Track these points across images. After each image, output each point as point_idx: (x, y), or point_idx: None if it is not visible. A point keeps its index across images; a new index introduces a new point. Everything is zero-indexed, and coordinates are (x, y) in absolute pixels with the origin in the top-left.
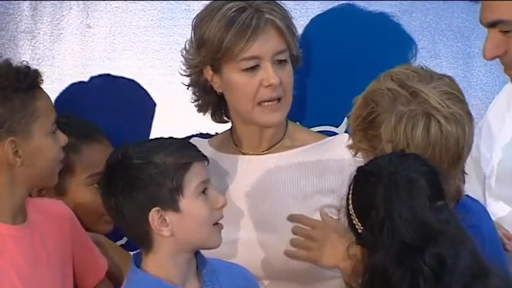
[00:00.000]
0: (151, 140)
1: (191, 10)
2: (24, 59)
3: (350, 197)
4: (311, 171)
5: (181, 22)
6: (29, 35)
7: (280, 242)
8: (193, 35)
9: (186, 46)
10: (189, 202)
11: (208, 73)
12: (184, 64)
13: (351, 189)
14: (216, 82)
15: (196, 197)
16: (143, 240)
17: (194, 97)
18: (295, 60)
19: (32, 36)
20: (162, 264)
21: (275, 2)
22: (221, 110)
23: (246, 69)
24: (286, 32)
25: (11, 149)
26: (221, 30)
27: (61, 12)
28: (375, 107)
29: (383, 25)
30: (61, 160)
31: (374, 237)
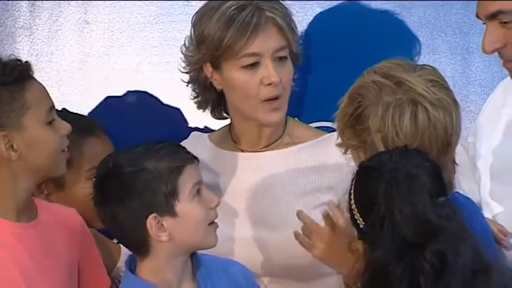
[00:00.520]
0: (140, 146)
1: (189, 6)
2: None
3: (352, 192)
4: (309, 168)
5: (179, 18)
6: (27, 31)
7: (278, 239)
8: (192, 32)
9: (186, 43)
10: (185, 205)
11: (208, 70)
12: (183, 61)
13: (353, 184)
14: (216, 79)
15: (191, 200)
16: (140, 247)
17: (194, 94)
18: (295, 57)
19: (30, 32)
20: (159, 268)
21: (275, 1)
22: (221, 107)
23: (246, 66)
24: (286, 30)
25: (4, 144)
26: (221, 28)
27: (59, 8)
28: (362, 101)
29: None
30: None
31: (375, 233)
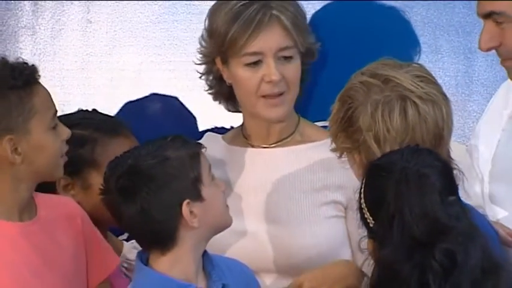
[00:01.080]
0: (150, 142)
1: (192, 5)
2: (25, 55)
3: (362, 191)
4: (319, 166)
5: (182, 17)
6: (30, 31)
7: (284, 235)
8: (206, 25)
9: (203, 34)
10: (208, 189)
11: (219, 63)
12: (199, 52)
13: (363, 183)
14: (225, 73)
15: (210, 183)
16: (167, 239)
17: (208, 85)
18: (308, 54)
19: (33, 31)
20: (181, 259)
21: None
22: (234, 100)
23: (249, 64)
24: (291, 29)
25: (10, 147)
26: (227, 23)
27: (62, 7)
28: (351, 103)
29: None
30: (66, 153)
31: (384, 231)
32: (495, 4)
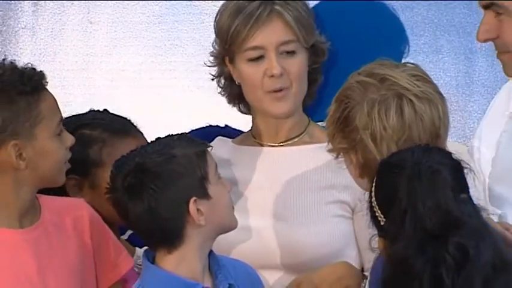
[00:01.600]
0: (156, 141)
1: (193, 6)
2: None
3: (373, 190)
4: (326, 166)
5: (182, 18)
6: (30, 31)
7: (290, 232)
8: (214, 25)
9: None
10: (215, 187)
11: (229, 64)
12: (210, 55)
13: (374, 182)
14: (234, 73)
15: (217, 182)
16: (174, 238)
17: (220, 88)
18: (320, 53)
19: (33, 32)
20: (188, 258)
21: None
22: (246, 101)
23: (252, 59)
24: (293, 24)
25: (15, 152)
26: (229, 19)
27: (62, 8)
28: (348, 102)
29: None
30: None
31: (396, 228)
32: None
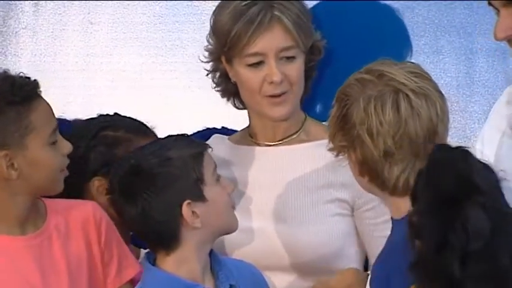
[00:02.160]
0: (154, 142)
1: (194, 6)
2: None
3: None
4: (323, 165)
5: (183, 18)
6: (31, 32)
7: (288, 232)
8: (211, 22)
9: (209, 32)
10: (211, 189)
11: (225, 63)
12: (205, 50)
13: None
14: (230, 72)
15: (214, 184)
16: (170, 240)
17: (215, 83)
18: (316, 52)
19: (34, 32)
20: (186, 259)
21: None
22: (240, 97)
23: (251, 64)
24: (292, 30)
25: (5, 163)
26: (229, 23)
27: (63, 8)
28: (347, 100)
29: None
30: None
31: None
32: None
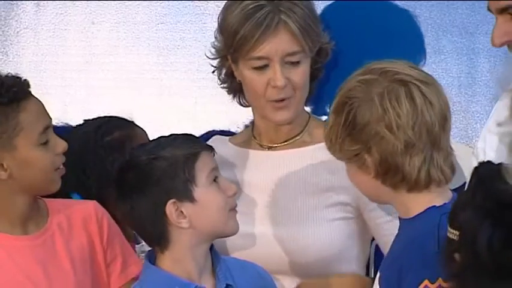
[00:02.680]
0: (156, 139)
1: (195, 6)
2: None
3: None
4: (324, 168)
5: (185, 18)
6: (32, 31)
7: (287, 236)
8: (219, 19)
9: (217, 29)
10: (203, 191)
11: (231, 63)
12: (212, 46)
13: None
14: (236, 71)
15: (209, 185)
16: (160, 238)
17: (220, 80)
18: (323, 54)
19: (35, 32)
20: (180, 258)
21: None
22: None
23: (256, 67)
24: (298, 35)
25: None
26: (236, 24)
27: (64, 8)
28: (352, 103)
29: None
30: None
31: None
32: None
